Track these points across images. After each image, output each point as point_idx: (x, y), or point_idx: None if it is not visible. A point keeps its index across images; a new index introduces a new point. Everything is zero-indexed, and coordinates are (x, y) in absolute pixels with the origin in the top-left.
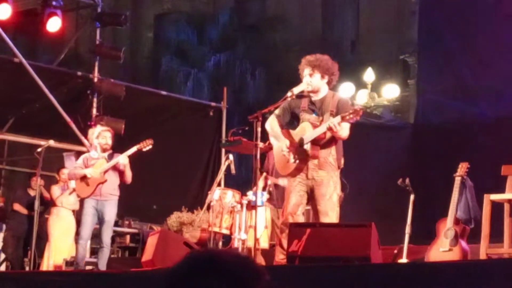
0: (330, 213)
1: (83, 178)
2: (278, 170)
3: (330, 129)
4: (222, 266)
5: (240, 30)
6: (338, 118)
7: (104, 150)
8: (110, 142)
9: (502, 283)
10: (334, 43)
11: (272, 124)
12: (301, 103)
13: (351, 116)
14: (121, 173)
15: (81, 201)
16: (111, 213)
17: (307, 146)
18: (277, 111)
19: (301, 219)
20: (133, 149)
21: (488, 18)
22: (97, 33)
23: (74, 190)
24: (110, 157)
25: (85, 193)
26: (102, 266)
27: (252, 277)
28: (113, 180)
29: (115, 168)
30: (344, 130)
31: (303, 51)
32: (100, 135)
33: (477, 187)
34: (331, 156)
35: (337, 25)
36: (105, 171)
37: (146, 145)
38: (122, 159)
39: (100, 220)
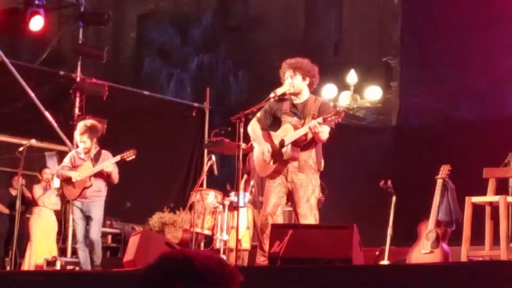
0: (309, 216)
1: (70, 180)
2: (258, 172)
3: (310, 129)
4: (197, 268)
5: (223, 31)
6: (320, 119)
7: (86, 153)
8: (88, 145)
9: (483, 285)
10: (317, 45)
11: (253, 127)
12: (283, 106)
13: (333, 117)
14: (107, 176)
15: (63, 201)
16: (97, 212)
17: (287, 148)
18: (258, 114)
19: (280, 219)
20: (117, 158)
21: (471, 21)
22: (80, 33)
23: (58, 190)
24: (97, 155)
25: (71, 195)
26: (99, 260)
27: (226, 279)
28: (99, 182)
29: (100, 171)
30: (324, 133)
31: (286, 53)
32: (79, 138)
33: (459, 190)
34: (311, 159)
35: (320, 27)
36: (90, 176)
37: (130, 156)
38: (106, 167)
39: (87, 219)
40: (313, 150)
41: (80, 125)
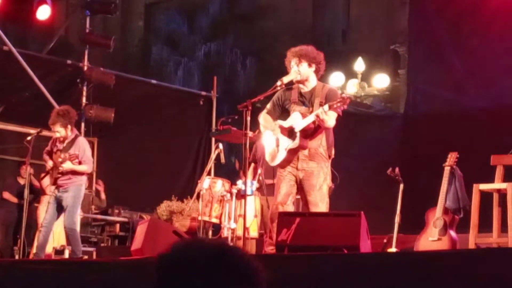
0: (320, 204)
1: (46, 164)
2: (267, 160)
3: (317, 116)
4: (234, 259)
5: (230, 19)
6: (326, 106)
7: (62, 141)
8: (63, 133)
9: (490, 272)
10: (325, 33)
11: (265, 118)
12: (291, 95)
13: (339, 104)
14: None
15: None
16: (67, 198)
17: (297, 136)
18: (268, 106)
19: (290, 208)
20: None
21: (478, 7)
22: (87, 22)
23: None
24: (71, 143)
25: (51, 181)
26: (73, 253)
27: (258, 274)
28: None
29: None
30: (330, 119)
31: (294, 41)
32: (51, 128)
33: (466, 177)
34: (321, 147)
35: (328, 14)
36: (58, 166)
37: (73, 159)
38: (66, 166)
39: (62, 207)
40: (323, 137)
41: (52, 115)
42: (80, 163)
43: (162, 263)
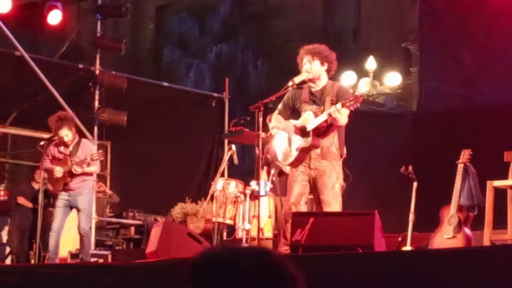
0: (333, 203)
1: (52, 171)
2: (280, 160)
3: (330, 115)
4: (282, 269)
5: (241, 20)
6: (339, 105)
7: (66, 146)
8: (70, 137)
9: (506, 269)
10: (336, 32)
11: (277, 118)
12: (302, 94)
13: (352, 102)
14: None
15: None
16: (84, 201)
17: (309, 135)
18: (279, 106)
19: (304, 208)
20: (87, 160)
21: (489, 3)
22: (98, 26)
23: None
24: (76, 146)
25: (56, 187)
26: (86, 256)
27: (299, 282)
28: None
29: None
30: (343, 117)
31: (305, 40)
32: (56, 134)
33: (480, 174)
34: (333, 145)
35: (339, 13)
36: (69, 171)
37: (99, 157)
38: (76, 169)
39: (76, 210)
40: (335, 136)
41: (54, 121)
42: (89, 164)
43: (198, 271)
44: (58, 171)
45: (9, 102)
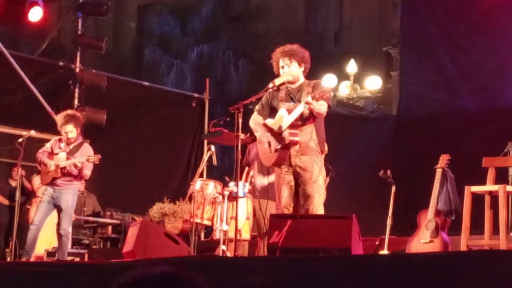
0: (317, 196)
1: (45, 165)
2: (263, 162)
3: (308, 103)
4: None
5: (223, 21)
6: (309, 97)
7: (68, 143)
8: (74, 135)
9: (482, 275)
10: (317, 35)
11: (255, 120)
12: (279, 94)
13: (321, 93)
14: (79, 170)
15: None
16: (67, 201)
17: (285, 133)
18: (257, 107)
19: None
20: (83, 159)
21: (471, 9)
22: (79, 23)
23: None
24: (77, 147)
25: (44, 180)
26: (62, 256)
27: None
28: (70, 172)
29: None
30: (322, 106)
31: (286, 43)
32: (61, 129)
33: (458, 179)
34: (312, 141)
35: (321, 16)
36: (62, 168)
37: (95, 160)
38: (72, 169)
39: (57, 209)
40: (313, 132)
41: (62, 116)
42: (81, 169)
43: None
44: (52, 164)
45: None
